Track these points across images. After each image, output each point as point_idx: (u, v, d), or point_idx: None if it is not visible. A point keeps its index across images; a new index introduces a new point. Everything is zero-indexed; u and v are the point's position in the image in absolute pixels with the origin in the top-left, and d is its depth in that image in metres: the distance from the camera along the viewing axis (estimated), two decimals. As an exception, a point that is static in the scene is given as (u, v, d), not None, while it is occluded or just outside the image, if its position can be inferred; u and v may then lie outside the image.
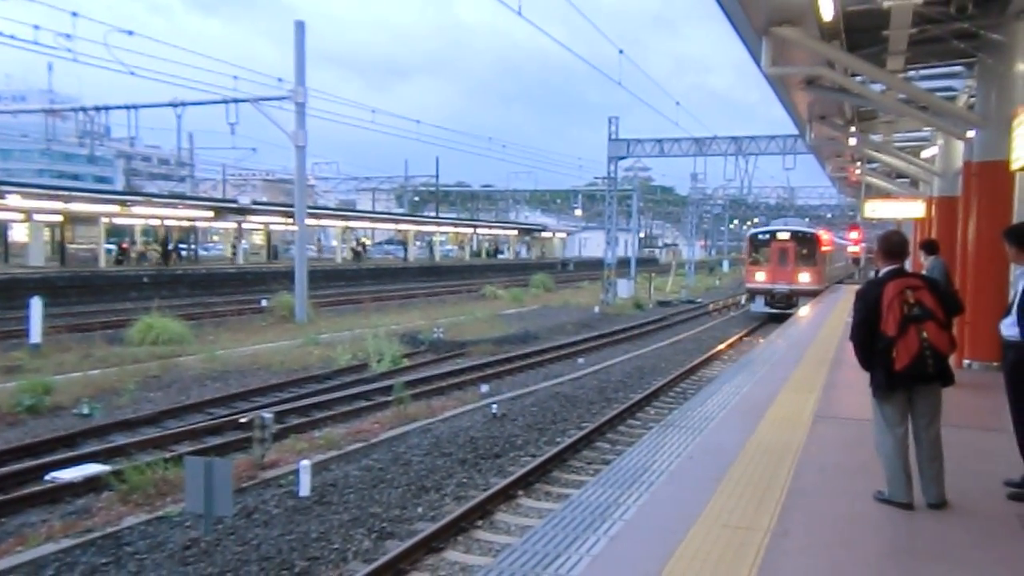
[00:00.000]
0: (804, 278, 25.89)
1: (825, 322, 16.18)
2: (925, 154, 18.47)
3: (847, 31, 9.67)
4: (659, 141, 30.57)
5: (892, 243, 4.67)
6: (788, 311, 23.69)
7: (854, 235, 40.22)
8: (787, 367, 10.09)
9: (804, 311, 20.34)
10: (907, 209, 19.06)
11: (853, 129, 16.20)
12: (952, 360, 4.57)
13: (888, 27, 9.56)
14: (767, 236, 27.15)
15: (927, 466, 4.52)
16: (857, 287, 5.21)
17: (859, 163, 22.76)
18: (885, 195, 23.51)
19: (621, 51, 19.40)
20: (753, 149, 30.04)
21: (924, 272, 8.32)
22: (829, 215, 66.24)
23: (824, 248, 27.55)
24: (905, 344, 4.28)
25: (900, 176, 23.13)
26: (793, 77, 11.19)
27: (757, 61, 9.31)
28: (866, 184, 24.31)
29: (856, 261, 43.20)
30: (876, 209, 19.43)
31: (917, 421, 4.51)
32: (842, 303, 20.77)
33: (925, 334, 4.29)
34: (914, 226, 22.51)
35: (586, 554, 3.90)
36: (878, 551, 3.97)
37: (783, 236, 26.55)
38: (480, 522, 7.01)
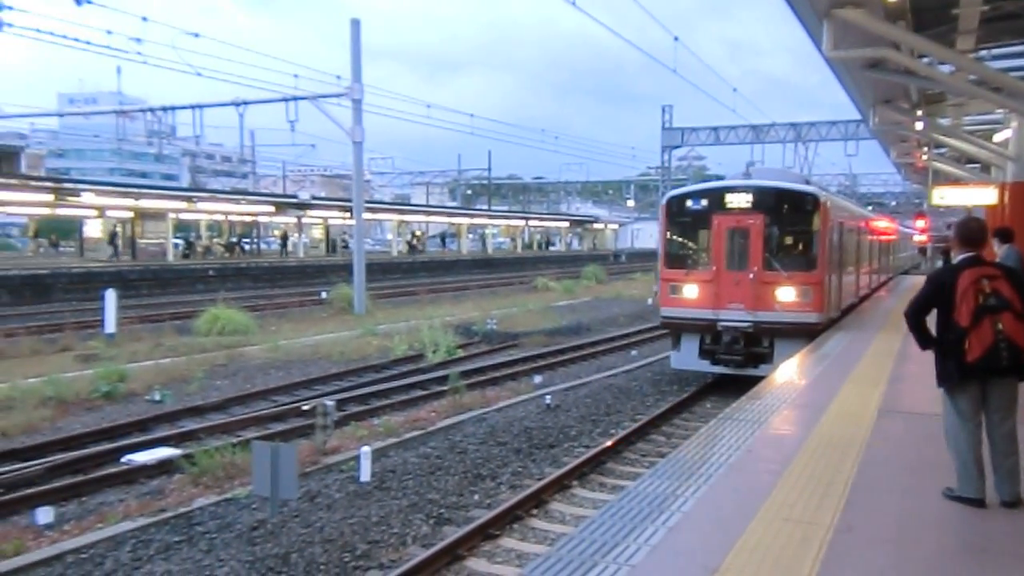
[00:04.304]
0: (786, 296, 11.67)
1: (892, 312, 15.64)
2: (997, 138, 17.60)
3: (913, 10, 9.32)
4: (715, 129, 30.01)
5: (970, 229, 4.51)
6: (752, 371, 11.42)
7: (920, 223, 38.67)
8: (850, 361, 9.81)
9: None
10: (978, 195, 18.17)
11: (920, 113, 15.56)
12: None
13: (958, 5, 9.17)
14: (703, 204, 12.42)
15: (1001, 462, 4.36)
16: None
17: (926, 148, 21.86)
18: (954, 181, 22.52)
19: (676, 38, 19.08)
20: (813, 135, 29.18)
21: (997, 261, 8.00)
22: (894, 202, 63.92)
23: (840, 233, 13.64)
24: (978, 335, 4.13)
25: (970, 161, 22.12)
26: (856, 60, 10.81)
27: (818, 45, 9.04)
28: (933, 170, 23.29)
29: (923, 251, 41.47)
30: (945, 196, 18.55)
31: (991, 416, 4.35)
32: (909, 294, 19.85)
33: (1000, 325, 4.14)
34: (985, 213, 21.53)
35: (644, 544, 3.90)
36: (947, 549, 3.86)
37: (738, 202, 12.05)
38: (535, 511, 7.08)
